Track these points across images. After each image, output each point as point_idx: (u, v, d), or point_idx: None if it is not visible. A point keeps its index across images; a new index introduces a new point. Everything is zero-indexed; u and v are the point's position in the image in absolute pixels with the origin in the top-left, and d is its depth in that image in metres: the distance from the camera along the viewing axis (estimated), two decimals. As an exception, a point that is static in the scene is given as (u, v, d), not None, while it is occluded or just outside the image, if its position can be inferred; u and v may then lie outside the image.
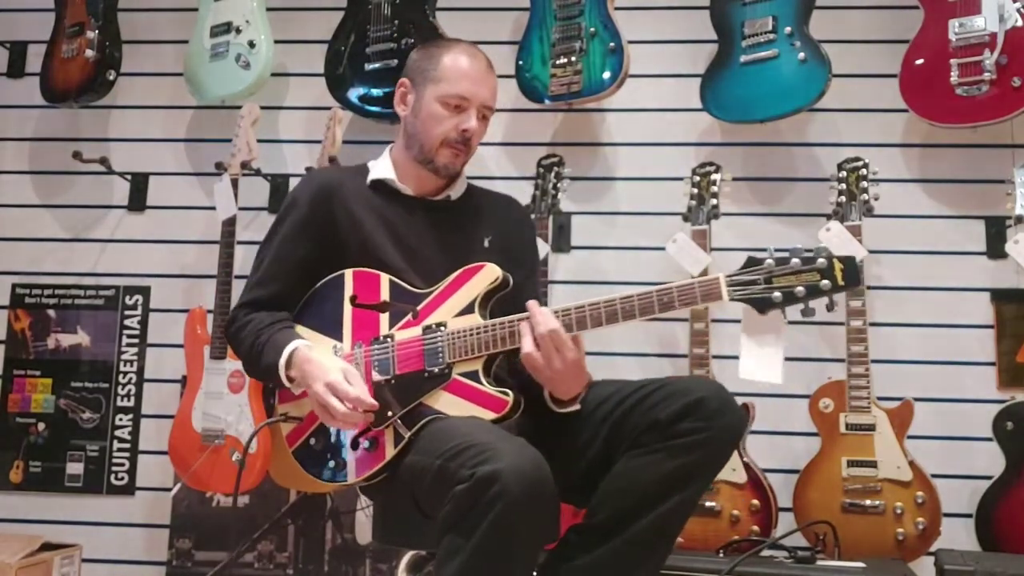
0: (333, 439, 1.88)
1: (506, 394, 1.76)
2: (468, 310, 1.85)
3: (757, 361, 1.73)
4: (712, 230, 2.84)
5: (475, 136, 2.01)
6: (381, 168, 2.06)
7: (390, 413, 1.82)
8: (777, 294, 1.63)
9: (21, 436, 3.29)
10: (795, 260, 1.63)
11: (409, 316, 1.88)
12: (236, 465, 2.86)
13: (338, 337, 1.93)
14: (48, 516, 3.21)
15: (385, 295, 1.92)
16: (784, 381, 2.87)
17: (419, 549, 2.14)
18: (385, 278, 1.93)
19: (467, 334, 1.81)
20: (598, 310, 1.74)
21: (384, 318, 1.91)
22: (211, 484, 2.95)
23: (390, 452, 1.81)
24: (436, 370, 1.82)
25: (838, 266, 1.61)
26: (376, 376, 1.86)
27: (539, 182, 2.98)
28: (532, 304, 1.78)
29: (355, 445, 1.85)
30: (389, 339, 1.88)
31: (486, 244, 2.04)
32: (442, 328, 1.84)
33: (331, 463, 1.87)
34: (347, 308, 1.94)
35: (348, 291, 1.95)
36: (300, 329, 1.97)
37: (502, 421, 1.74)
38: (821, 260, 1.62)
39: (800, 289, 1.62)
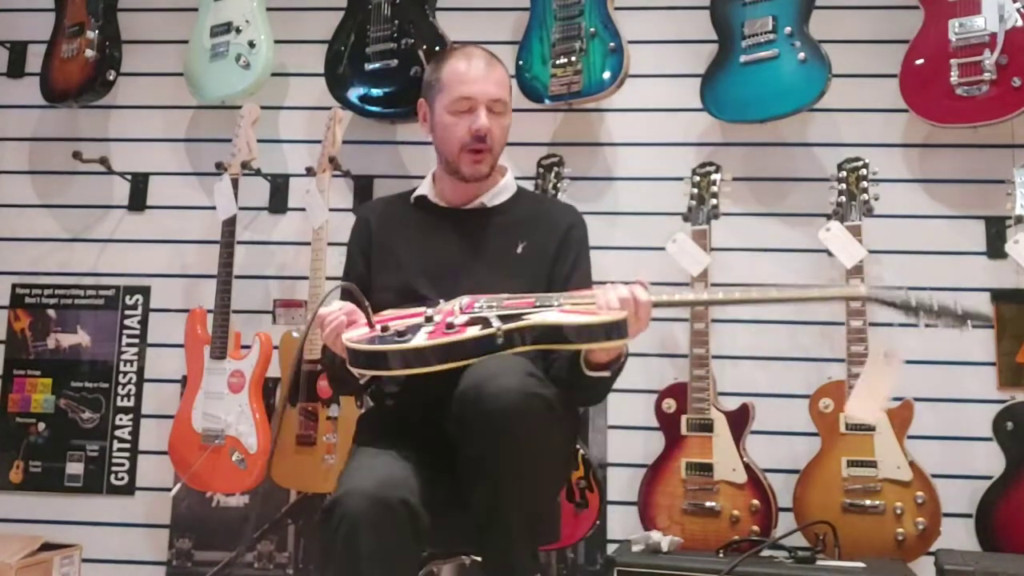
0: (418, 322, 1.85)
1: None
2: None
3: (866, 403, 1.92)
4: (712, 230, 2.84)
5: (492, 133, 2.08)
6: (423, 186, 2.22)
7: (493, 321, 1.78)
8: (914, 301, 1.77)
9: (21, 436, 3.28)
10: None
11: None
12: (236, 465, 2.86)
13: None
14: (48, 516, 3.21)
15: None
16: (784, 381, 2.94)
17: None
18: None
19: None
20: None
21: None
22: (211, 484, 2.96)
23: (472, 332, 1.76)
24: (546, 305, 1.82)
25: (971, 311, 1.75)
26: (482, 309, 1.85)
27: (539, 182, 2.98)
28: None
29: (449, 326, 1.80)
30: (496, 299, 1.87)
31: (519, 250, 2.12)
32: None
33: (407, 335, 1.80)
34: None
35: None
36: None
37: (617, 329, 1.77)
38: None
39: (935, 304, 1.75)
